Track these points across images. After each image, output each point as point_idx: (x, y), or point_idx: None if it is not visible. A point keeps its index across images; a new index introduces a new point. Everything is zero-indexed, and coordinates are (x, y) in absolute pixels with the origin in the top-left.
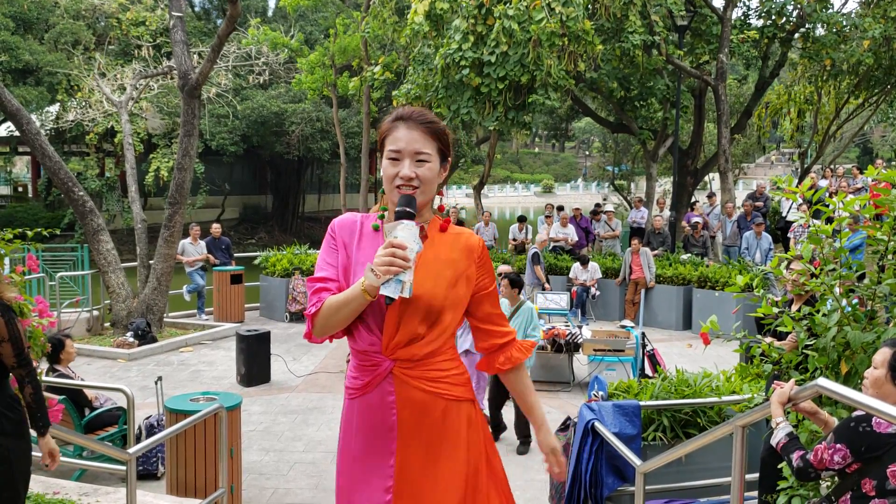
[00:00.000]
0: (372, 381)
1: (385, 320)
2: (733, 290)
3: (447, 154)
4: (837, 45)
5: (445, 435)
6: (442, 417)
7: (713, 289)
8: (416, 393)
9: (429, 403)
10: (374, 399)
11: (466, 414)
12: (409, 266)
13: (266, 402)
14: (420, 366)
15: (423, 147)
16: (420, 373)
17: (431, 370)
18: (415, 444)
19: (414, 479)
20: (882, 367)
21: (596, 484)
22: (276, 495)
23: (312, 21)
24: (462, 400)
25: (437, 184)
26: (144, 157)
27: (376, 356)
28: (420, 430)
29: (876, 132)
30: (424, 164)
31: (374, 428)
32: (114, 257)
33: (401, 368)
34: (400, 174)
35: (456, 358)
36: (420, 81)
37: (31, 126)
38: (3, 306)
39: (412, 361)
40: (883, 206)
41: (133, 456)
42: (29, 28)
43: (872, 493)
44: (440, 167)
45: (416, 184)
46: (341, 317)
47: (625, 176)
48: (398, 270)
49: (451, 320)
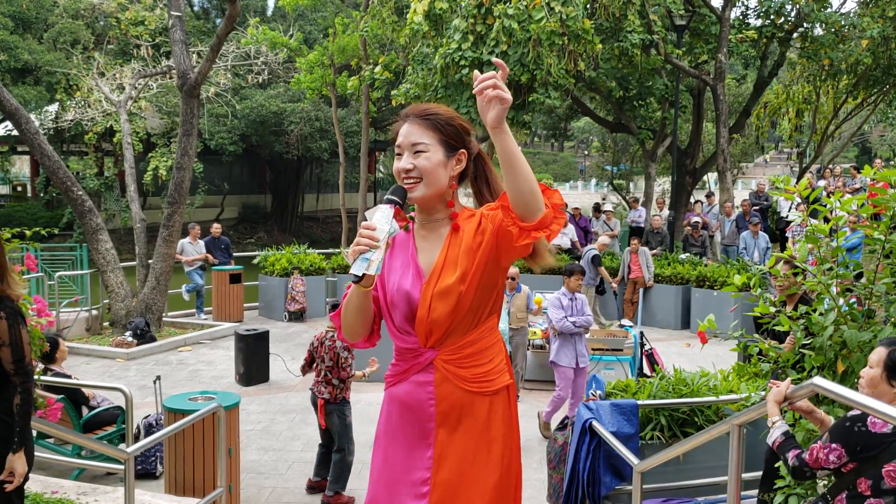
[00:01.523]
0: (411, 367)
1: (417, 317)
2: (730, 289)
3: (454, 144)
4: (836, 45)
5: (483, 431)
6: (480, 415)
7: (712, 288)
8: (455, 390)
9: (467, 402)
10: (412, 387)
11: (503, 405)
12: (377, 245)
13: (265, 402)
14: (461, 358)
15: (419, 138)
16: (458, 369)
17: (472, 366)
18: (452, 436)
19: (450, 473)
20: (878, 366)
21: (594, 483)
22: (274, 494)
23: (311, 20)
24: (498, 391)
25: (443, 174)
26: (143, 156)
27: (418, 350)
28: (457, 423)
29: (875, 132)
30: (421, 154)
31: (413, 417)
32: (113, 257)
33: (441, 360)
34: (399, 168)
35: (497, 343)
36: (419, 81)
37: (29, 125)
38: (11, 309)
39: (454, 350)
40: (880, 205)
41: (131, 455)
42: (28, 27)
43: (868, 492)
44: (447, 158)
45: (416, 174)
46: (350, 313)
47: (624, 175)
48: (364, 249)
49: (484, 305)
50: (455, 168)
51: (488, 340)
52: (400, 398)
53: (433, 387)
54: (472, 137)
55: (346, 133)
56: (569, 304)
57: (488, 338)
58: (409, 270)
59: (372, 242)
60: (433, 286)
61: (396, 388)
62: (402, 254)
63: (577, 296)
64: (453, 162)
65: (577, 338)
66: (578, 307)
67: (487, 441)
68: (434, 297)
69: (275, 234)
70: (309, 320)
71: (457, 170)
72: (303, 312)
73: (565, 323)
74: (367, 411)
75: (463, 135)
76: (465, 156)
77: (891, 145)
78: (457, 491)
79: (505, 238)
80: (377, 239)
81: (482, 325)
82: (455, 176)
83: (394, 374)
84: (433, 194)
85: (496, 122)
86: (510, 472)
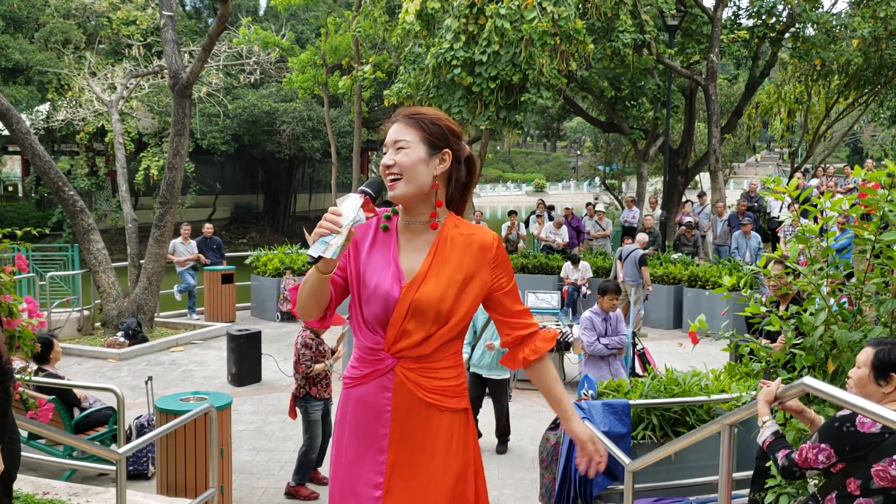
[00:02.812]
0: (371, 373)
1: (390, 320)
2: (720, 290)
3: (437, 143)
4: (827, 45)
5: (436, 443)
6: (434, 425)
7: (703, 288)
8: (412, 399)
9: (423, 411)
10: (370, 391)
11: (459, 424)
12: (338, 231)
13: (257, 402)
14: (422, 369)
15: (401, 136)
16: (420, 378)
17: (432, 378)
18: (407, 445)
19: (404, 479)
20: (865, 366)
21: (586, 482)
22: (266, 495)
23: (304, 20)
24: (456, 410)
25: (423, 171)
26: (134, 156)
27: (380, 352)
28: (413, 433)
29: (866, 132)
30: (402, 150)
31: (369, 420)
32: (104, 257)
33: (402, 368)
34: (381, 163)
35: (458, 366)
36: (411, 81)
37: (21, 125)
38: None
39: (415, 361)
40: (870, 205)
41: (123, 456)
42: (19, 27)
43: (857, 492)
44: (429, 156)
45: (397, 170)
46: (306, 293)
47: (616, 175)
48: (325, 232)
49: (458, 323)
50: (438, 167)
51: (451, 360)
52: (357, 399)
53: (391, 393)
54: (461, 141)
55: (338, 133)
56: (602, 324)
57: (451, 358)
58: (388, 270)
59: (334, 227)
60: (412, 293)
61: (354, 391)
62: (383, 251)
63: (611, 315)
64: (436, 161)
65: (611, 357)
66: (613, 326)
67: (443, 459)
68: (412, 305)
69: (267, 234)
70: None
71: (440, 169)
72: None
73: (597, 346)
74: None
75: (448, 135)
76: (448, 156)
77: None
78: (409, 494)
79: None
80: (340, 225)
81: (450, 346)
82: (439, 175)
83: (352, 378)
84: (414, 192)
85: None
86: (466, 496)
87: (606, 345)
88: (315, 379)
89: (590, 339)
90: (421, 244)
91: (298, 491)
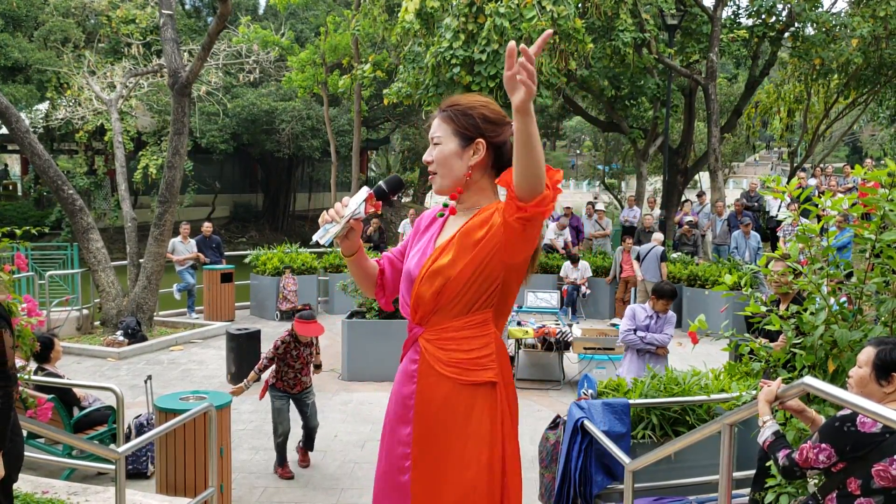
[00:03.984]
0: (406, 343)
1: (412, 290)
2: (721, 288)
3: (469, 134)
4: (827, 45)
5: (455, 417)
6: (454, 400)
7: (703, 287)
8: (432, 373)
9: (444, 385)
10: (405, 363)
11: (484, 397)
12: (338, 220)
13: (256, 401)
14: (440, 340)
15: (436, 131)
16: (437, 350)
17: (450, 350)
18: (427, 417)
19: (428, 453)
20: (866, 366)
21: (585, 482)
22: (265, 494)
23: (303, 19)
24: (479, 384)
25: (456, 165)
26: (134, 154)
27: (410, 325)
28: (432, 404)
29: (865, 131)
30: (436, 146)
31: (402, 393)
32: (103, 256)
33: (424, 338)
34: (424, 160)
35: (485, 335)
36: (411, 80)
37: (20, 124)
38: None
39: (434, 332)
40: (870, 205)
41: (122, 455)
42: (18, 25)
43: (858, 492)
44: (461, 148)
45: (433, 167)
46: (352, 272)
47: (615, 175)
48: (328, 220)
49: (476, 296)
50: (473, 158)
51: (474, 332)
52: (398, 372)
53: (417, 365)
54: (499, 125)
55: (337, 132)
56: (646, 319)
57: (475, 329)
58: (425, 249)
59: (335, 216)
60: (430, 263)
61: (400, 366)
62: (427, 237)
63: (661, 315)
64: (470, 152)
65: (652, 357)
66: (660, 326)
67: (464, 435)
68: (426, 275)
69: (266, 233)
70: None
71: (475, 160)
72: (294, 312)
73: (630, 336)
74: (358, 410)
75: (480, 123)
76: (482, 145)
77: (881, 145)
78: (432, 477)
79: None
80: (342, 215)
81: (471, 315)
82: (475, 166)
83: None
84: (450, 185)
85: (518, 105)
86: (493, 473)
87: (642, 338)
88: (281, 374)
89: (625, 328)
90: (457, 224)
91: (276, 470)
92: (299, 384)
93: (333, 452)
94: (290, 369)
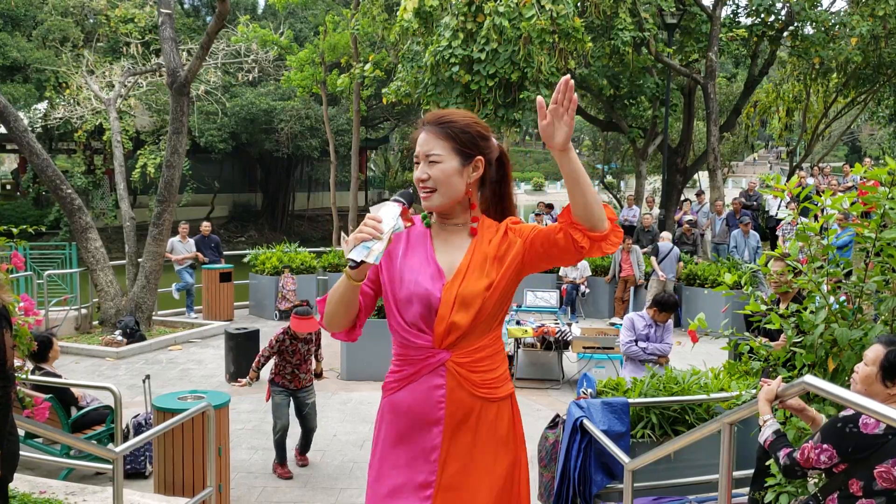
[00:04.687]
0: (419, 371)
1: (437, 317)
2: (721, 288)
3: (469, 152)
4: (826, 44)
5: (488, 434)
6: (486, 418)
7: (702, 286)
8: (463, 393)
9: (475, 407)
10: (419, 389)
11: (506, 411)
12: (380, 237)
13: (255, 401)
14: (471, 363)
15: (433, 148)
16: (469, 373)
17: (480, 370)
18: (459, 440)
19: (456, 475)
20: (873, 364)
21: (585, 481)
22: (264, 494)
23: (302, 18)
24: (504, 398)
25: (458, 183)
26: (132, 153)
27: (429, 350)
28: (465, 428)
29: (864, 130)
30: (435, 164)
31: (420, 417)
32: (102, 255)
33: (455, 362)
34: (416, 177)
35: (501, 351)
36: (410, 79)
37: (18, 123)
38: None
39: (465, 354)
40: (870, 203)
41: (120, 455)
42: (17, 25)
43: (859, 493)
44: (462, 166)
45: (431, 185)
46: (335, 302)
47: (614, 174)
48: (367, 237)
49: (500, 312)
50: (472, 175)
51: (496, 347)
52: (406, 402)
53: (445, 390)
54: (490, 141)
55: (336, 131)
56: (646, 329)
57: (496, 345)
58: (427, 269)
59: (375, 233)
60: (457, 287)
61: (400, 394)
62: (420, 252)
63: (660, 324)
64: (469, 169)
65: (655, 366)
66: (659, 335)
67: (493, 446)
68: (458, 299)
69: (265, 233)
70: None
71: (473, 177)
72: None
73: (633, 348)
74: (357, 410)
75: (479, 140)
76: (482, 162)
77: (880, 144)
78: (461, 494)
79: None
80: (381, 231)
81: (493, 332)
82: (472, 183)
83: (397, 380)
84: (448, 202)
85: (563, 145)
86: (514, 482)
87: (644, 349)
88: (280, 369)
89: (626, 340)
90: (459, 242)
91: (275, 469)
92: (297, 380)
93: (332, 452)
94: (288, 364)
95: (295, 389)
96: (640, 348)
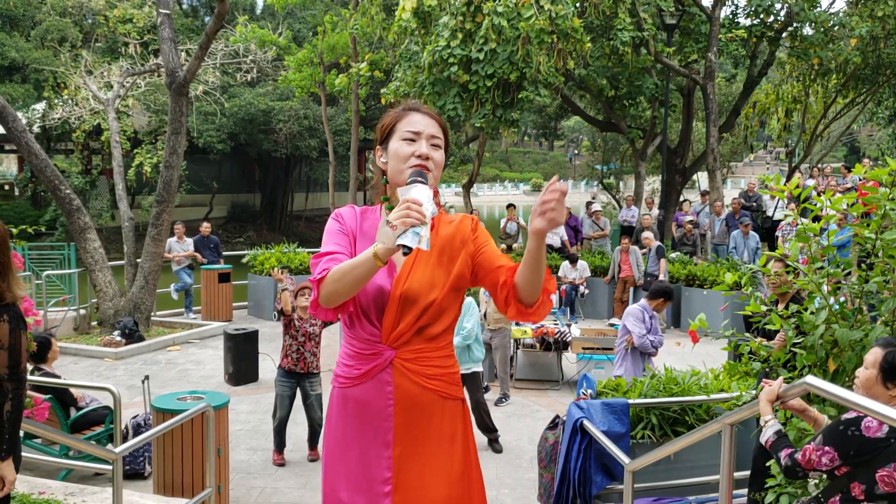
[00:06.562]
0: (370, 370)
1: (385, 311)
2: (721, 288)
3: (447, 145)
4: (825, 44)
5: (441, 430)
6: (437, 413)
7: (702, 287)
8: (413, 387)
9: (425, 399)
10: (370, 389)
11: (459, 413)
12: (425, 222)
13: (254, 402)
14: (419, 359)
15: (437, 133)
16: (418, 367)
17: (429, 366)
18: (411, 436)
19: (411, 472)
20: (873, 367)
21: (585, 482)
22: (263, 495)
23: (301, 18)
24: (454, 398)
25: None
26: (129, 153)
27: (377, 345)
28: (417, 423)
29: (863, 131)
30: (437, 149)
31: (371, 418)
32: (101, 256)
33: (401, 360)
34: (417, 152)
35: (452, 355)
36: (408, 79)
37: (16, 123)
38: (14, 313)
39: (412, 351)
40: (870, 204)
41: (119, 455)
42: (15, 25)
43: (861, 496)
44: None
45: (430, 165)
46: (347, 281)
47: (614, 174)
48: (415, 222)
49: (452, 312)
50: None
51: (446, 350)
52: (357, 398)
53: (392, 387)
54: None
55: (335, 132)
56: (650, 321)
57: (446, 348)
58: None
59: (421, 218)
60: (402, 284)
61: (353, 390)
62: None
63: (655, 314)
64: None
65: (647, 358)
66: (655, 326)
67: (448, 446)
68: (403, 296)
69: (264, 233)
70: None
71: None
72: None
73: (645, 341)
74: None
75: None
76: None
77: (879, 145)
78: (420, 491)
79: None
80: (424, 215)
81: (444, 335)
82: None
83: (349, 378)
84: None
85: (541, 233)
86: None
87: (652, 341)
88: (286, 350)
89: (641, 332)
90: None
91: (272, 456)
92: (303, 361)
93: None
94: (294, 341)
95: (301, 375)
96: (650, 341)
